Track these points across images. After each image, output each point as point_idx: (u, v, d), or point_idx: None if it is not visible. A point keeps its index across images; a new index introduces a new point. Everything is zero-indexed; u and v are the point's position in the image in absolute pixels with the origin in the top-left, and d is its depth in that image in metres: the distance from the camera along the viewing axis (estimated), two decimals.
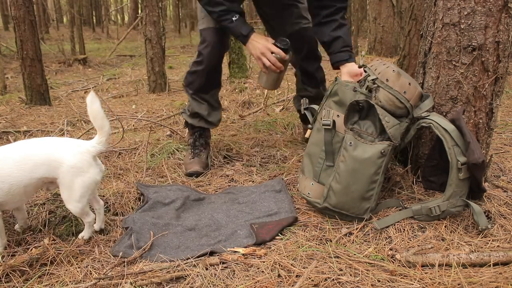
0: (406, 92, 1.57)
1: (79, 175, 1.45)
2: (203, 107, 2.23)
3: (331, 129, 1.59)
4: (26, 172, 1.42)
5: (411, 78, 1.63)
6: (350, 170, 1.54)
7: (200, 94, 2.22)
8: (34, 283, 1.31)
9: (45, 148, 1.46)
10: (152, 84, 4.17)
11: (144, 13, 4.14)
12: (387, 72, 1.58)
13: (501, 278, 1.23)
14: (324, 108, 1.67)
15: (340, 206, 1.57)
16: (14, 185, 1.41)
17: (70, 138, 1.56)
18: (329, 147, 1.60)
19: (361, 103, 1.54)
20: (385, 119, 1.53)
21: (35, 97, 3.59)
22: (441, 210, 1.52)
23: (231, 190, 1.95)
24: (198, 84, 2.19)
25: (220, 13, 1.92)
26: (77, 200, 1.47)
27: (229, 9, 1.92)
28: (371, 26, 5.19)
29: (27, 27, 3.46)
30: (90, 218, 1.53)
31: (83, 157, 1.46)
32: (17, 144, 1.49)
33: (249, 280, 1.28)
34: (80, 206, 1.48)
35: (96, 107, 1.44)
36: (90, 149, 1.48)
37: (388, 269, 1.30)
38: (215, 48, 2.09)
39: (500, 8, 1.52)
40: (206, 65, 2.12)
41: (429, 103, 1.61)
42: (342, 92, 1.62)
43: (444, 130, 1.51)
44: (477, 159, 1.42)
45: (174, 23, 13.17)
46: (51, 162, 1.44)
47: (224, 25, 1.96)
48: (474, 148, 1.43)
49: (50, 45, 8.09)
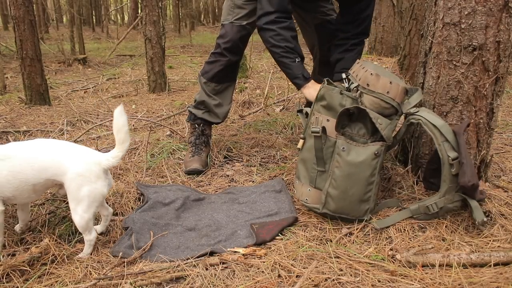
0: (389, 91, 1.55)
1: (85, 184, 1.42)
2: (211, 96, 2.25)
3: (320, 136, 1.56)
4: (35, 171, 1.42)
5: (393, 75, 1.62)
6: (345, 175, 1.53)
7: (213, 84, 2.24)
8: (34, 283, 1.31)
9: (56, 151, 1.46)
10: (152, 84, 4.16)
11: (144, 13, 4.14)
12: (367, 76, 1.56)
13: (502, 278, 1.23)
14: (314, 114, 1.65)
15: (340, 211, 1.57)
16: (24, 181, 1.41)
17: (86, 148, 1.54)
18: (320, 154, 1.58)
19: (351, 110, 1.52)
20: (378, 121, 1.52)
21: (35, 97, 3.59)
22: (438, 207, 1.51)
23: (231, 190, 1.95)
24: (214, 74, 2.22)
25: (286, 49, 1.89)
26: (84, 210, 1.43)
27: (295, 49, 1.91)
28: (372, 26, 5.19)
29: (27, 26, 3.46)
30: (92, 236, 1.47)
31: (91, 167, 1.44)
32: (32, 142, 1.49)
33: (249, 280, 1.28)
34: (86, 218, 1.43)
35: (123, 120, 1.44)
36: (102, 162, 1.46)
37: (388, 269, 1.30)
38: (235, 45, 2.14)
39: (501, 8, 1.52)
40: (227, 59, 2.17)
41: (418, 96, 1.59)
42: (329, 96, 1.60)
43: (433, 126, 1.50)
44: (466, 182, 1.41)
45: (174, 23, 13.16)
46: (59, 166, 1.43)
47: (285, 62, 1.92)
48: (466, 170, 1.42)
49: (49, 45, 8.08)
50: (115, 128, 1.45)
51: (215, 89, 2.25)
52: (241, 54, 2.22)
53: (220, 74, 2.22)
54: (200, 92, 2.29)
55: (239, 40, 2.13)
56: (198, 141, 2.27)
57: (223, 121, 2.37)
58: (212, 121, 2.31)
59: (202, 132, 2.29)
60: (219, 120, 2.32)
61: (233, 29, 2.12)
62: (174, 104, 3.58)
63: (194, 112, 2.31)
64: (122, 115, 1.43)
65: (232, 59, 2.19)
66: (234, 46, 2.14)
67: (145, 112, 3.39)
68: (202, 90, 2.28)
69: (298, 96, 3.47)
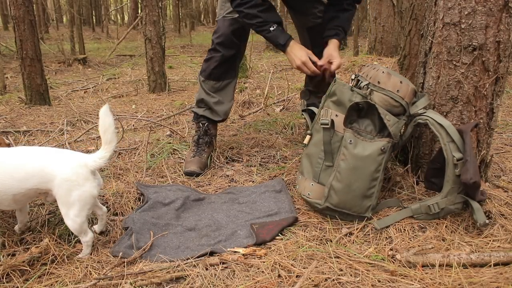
0: (399, 90, 1.59)
1: (74, 189, 1.40)
2: (210, 94, 2.25)
3: (329, 128, 1.59)
4: (16, 181, 1.38)
5: (402, 76, 1.65)
6: (351, 168, 1.54)
7: (211, 81, 2.24)
8: (34, 283, 1.31)
9: (40, 159, 1.42)
10: (152, 84, 4.16)
11: (144, 13, 4.14)
12: (378, 74, 1.60)
13: (502, 278, 1.23)
14: (323, 108, 1.67)
15: (342, 205, 1.57)
16: (2, 191, 1.38)
17: (69, 151, 1.51)
18: (328, 147, 1.60)
19: (361, 104, 1.54)
20: (386, 118, 1.54)
21: (35, 97, 3.59)
22: (440, 207, 1.52)
23: (231, 190, 1.95)
24: (210, 71, 2.23)
25: (258, 24, 1.96)
26: (76, 214, 1.41)
27: (266, 20, 1.95)
28: (372, 26, 5.19)
29: (27, 26, 3.46)
30: (88, 238, 1.45)
31: (78, 170, 1.41)
32: (13, 150, 1.45)
33: (249, 280, 1.28)
34: (79, 222, 1.41)
35: (109, 120, 1.41)
36: (89, 163, 1.43)
37: (388, 269, 1.30)
38: (228, 39, 2.14)
39: (501, 8, 1.52)
40: (220, 54, 2.18)
41: (425, 100, 1.63)
42: (340, 92, 1.63)
43: (439, 126, 1.52)
44: (468, 179, 1.42)
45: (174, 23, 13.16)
46: (44, 174, 1.39)
47: (263, 35, 2.00)
48: (469, 167, 1.43)
49: (49, 44, 8.08)
50: (101, 128, 1.42)
51: (214, 87, 2.24)
52: (236, 49, 2.19)
53: (216, 71, 2.22)
54: (199, 91, 2.30)
55: (231, 33, 2.13)
56: (201, 141, 2.26)
57: (225, 119, 2.36)
58: (214, 119, 2.30)
59: (206, 132, 2.29)
60: (220, 118, 2.31)
61: (224, 23, 2.13)
62: (174, 104, 3.58)
63: (195, 110, 2.32)
64: (108, 115, 1.41)
65: (226, 54, 2.18)
66: (226, 40, 2.15)
67: (145, 112, 3.39)
68: (201, 88, 2.28)
69: (298, 96, 3.47)
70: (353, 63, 4.52)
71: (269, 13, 1.97)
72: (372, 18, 5.17)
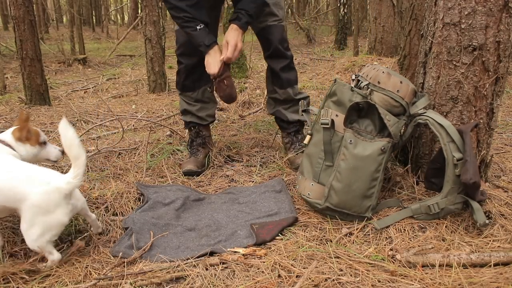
0: (400, 90, 1.59)
1: (42, 215, 1.31)
2: (191, 104, 2.25)
3: (329, 128, 1.59)
4: None
5: (402, 76, 1.66)
6: (351, 168, 1.54)
7: (186, 93, 2.25)
8: (34, 283, 1.31)
9: (11, 177, 1.35)
10: (152, 84, 4.16)
11: (144, 13, 4.14)
12: (378, 74, 1.61)
13: (502, 278, 1.23)
14: (323, 108, 1.67)
15: (342, 205, 1.57)
16: None
17: (44, 169, 1.42)
18: (328, 147, 1.60)
19: (361, 104, 1.54)
20: (386, 118, 1.55)
21: (35, 97, 3.59)
22: (440, 207, 1.52)
23: (231, 190, 1.95)
24: (182, 84, 2.23)
25: (185, 18, 1.92)
26: (34, 239, 1.32)
27: (194, 17, 1.92)
28: (372, 26, 5.18)
29: (27, 26, 3.46)
30: (54, 257, 1.36)
31: (50, 196, 1.32)
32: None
33: (249, 281, 1.28)
34: (37, 245, 1.33)
35: (71, 134, 1.31)
36: (62, 187, 1.33)
37: (388, 269, 1.30)
38: (186, 48, 2.12)
39: (501, 8, 1.52)
40: (184, 65, 2.17)
41: (425, 100, 1.63)
42: (340, 92, 1.63)
43: (439, 126, 1.52)
44: (468, 179, 1.42)
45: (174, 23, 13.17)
46: (14, 194, 1.32)
47: (187, 32, 1.95)
48: (469, 168, 1.43)
49: (49, 45, 8.08)
50: (64, 144, 1.32)
51: (191, 97, 2.24)
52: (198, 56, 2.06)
53: (188, 83, 2.21)
54: (180, 102, 2.31)
55: (189, 42, 2.04)
56: (194, 143, 2.29)
57: (212, 122, 2.37)
58: (200, 123, 2.30)
59: (198, 134, 2.30)
60: (207, 122, 2.31)
61: (181, 33, 2.08)
62: (174, 104, 3.58)
63: (183, 119, 2.34)
64: (68, 128, 1.31)
65: (190, 63, 2.15)
66: (186, 49, 2.12)
67: (145, 112, 3.39)
68: (181, 100, 2.29)
69: None
70: (353, 63, 4.52)
71: (198, 10, 1.93)
72: (372, 18, 5.16)
